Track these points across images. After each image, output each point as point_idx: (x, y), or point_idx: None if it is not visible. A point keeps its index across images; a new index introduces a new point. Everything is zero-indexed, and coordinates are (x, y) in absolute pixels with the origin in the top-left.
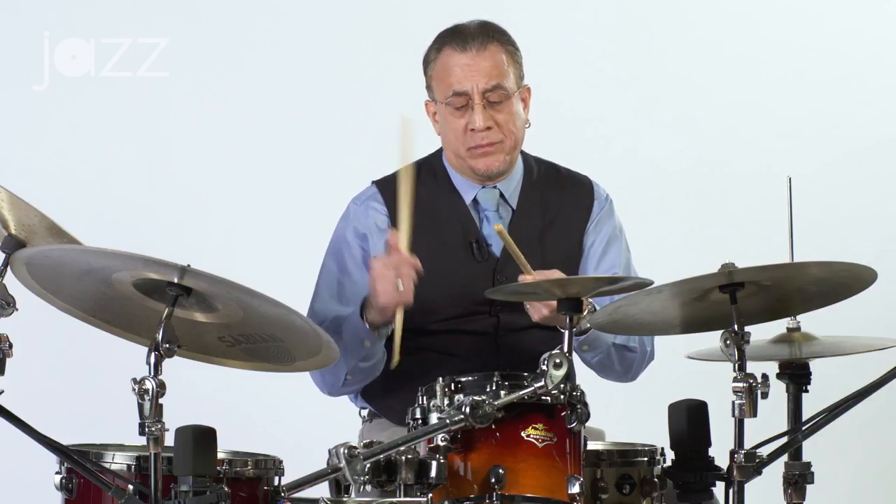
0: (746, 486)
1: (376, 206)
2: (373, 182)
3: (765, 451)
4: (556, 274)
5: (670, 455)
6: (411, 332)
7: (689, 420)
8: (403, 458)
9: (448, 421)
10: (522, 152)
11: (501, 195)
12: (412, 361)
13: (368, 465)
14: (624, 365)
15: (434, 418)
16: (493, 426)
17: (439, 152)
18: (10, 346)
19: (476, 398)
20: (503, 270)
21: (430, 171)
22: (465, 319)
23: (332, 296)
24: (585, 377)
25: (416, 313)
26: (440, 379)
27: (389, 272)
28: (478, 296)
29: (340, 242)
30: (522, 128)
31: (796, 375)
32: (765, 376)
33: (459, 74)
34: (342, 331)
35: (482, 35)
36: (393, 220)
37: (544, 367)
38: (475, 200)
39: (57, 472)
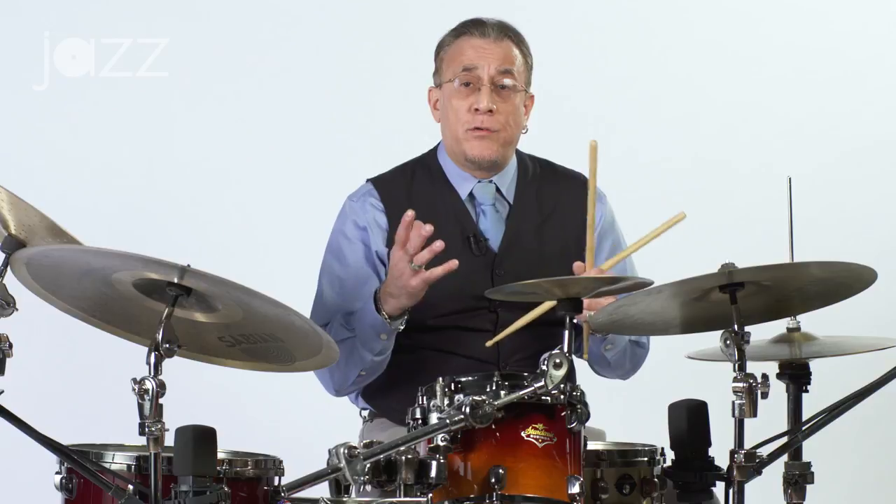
0: (746, 486)
1: (373, 202)
2: (368, 180)
3: (765, 451)
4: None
5: (670, 455)
6: (409, 330)
7: (689, 420)
8: (403, 458)
9: (448, 421)
10: (516, 150)
11: (497, 189)
12: (411, 359)
13: (368, 465)
14: (633, 361)
15: (434, 418)
16: (493, 426)
17: (434, 150)
18: (10, 346)
19: (476, 398)
20: (501, 264)
21: (424, 168)
22: (463, 315)
23: (336, 293)
24: (585, 377)
25: (414, 310)
26: (440, 379)
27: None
28: (477, 291)
29: (339, 238)
30: (519, 127)
31: (796, 375)
32: (765, 376)
33: (473, 55)
34: (355, 327)
35: (501, 29)
36: (389, 217)
37: (544, 367)
38: (471, 195)
39: (57, 472)
